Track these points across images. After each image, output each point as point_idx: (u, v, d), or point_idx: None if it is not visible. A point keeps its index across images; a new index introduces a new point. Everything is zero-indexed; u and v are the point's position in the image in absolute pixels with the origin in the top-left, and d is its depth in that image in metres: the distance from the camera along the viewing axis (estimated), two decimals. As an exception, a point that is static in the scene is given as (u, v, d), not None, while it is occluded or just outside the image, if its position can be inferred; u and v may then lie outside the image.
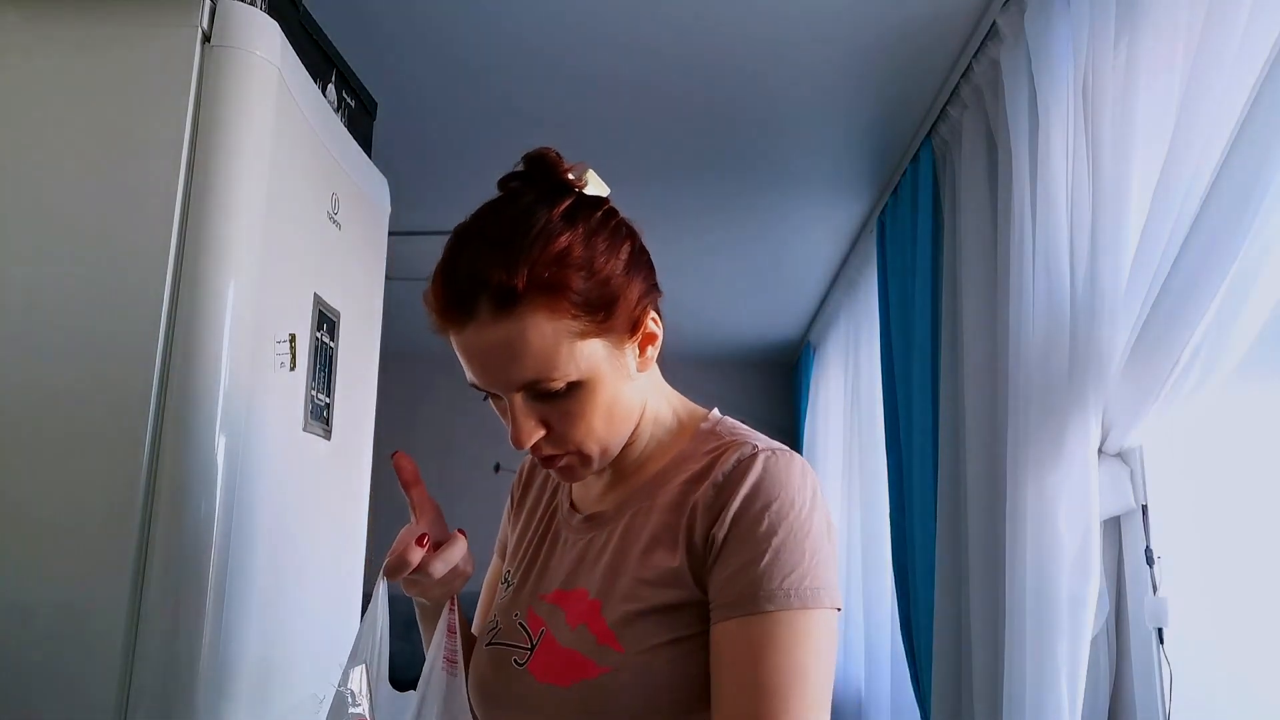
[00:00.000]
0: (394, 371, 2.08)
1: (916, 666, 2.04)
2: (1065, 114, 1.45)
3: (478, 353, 0.78)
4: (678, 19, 1.85)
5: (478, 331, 0.77)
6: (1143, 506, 1.37)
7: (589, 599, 0.83)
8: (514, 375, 0.78)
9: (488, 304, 0.76)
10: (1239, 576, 1.27)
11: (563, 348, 0.77)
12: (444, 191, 2.69)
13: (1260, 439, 1.24)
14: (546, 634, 0.84)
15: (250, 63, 1.25)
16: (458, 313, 0.77)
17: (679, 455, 0.87)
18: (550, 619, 0.85)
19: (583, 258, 0.78)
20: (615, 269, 0.80)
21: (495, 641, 0.90)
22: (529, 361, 0.77)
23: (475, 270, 0.76)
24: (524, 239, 0.77)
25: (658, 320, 0.86)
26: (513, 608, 0.91)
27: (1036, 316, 1.47)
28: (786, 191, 2.70)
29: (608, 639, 0.79)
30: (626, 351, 0.83)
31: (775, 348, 4.65)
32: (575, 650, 0.80)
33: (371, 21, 1.87)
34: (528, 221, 0.79)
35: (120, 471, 1.12)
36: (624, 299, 0.81)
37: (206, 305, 1.17)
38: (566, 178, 0.84)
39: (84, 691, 1.08)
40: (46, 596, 1.10)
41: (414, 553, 0.83)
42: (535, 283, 0.76)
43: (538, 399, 0.80)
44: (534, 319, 0.76)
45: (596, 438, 0.83)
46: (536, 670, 0.82)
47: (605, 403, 0.82)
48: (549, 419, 0.81)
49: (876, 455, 2.58)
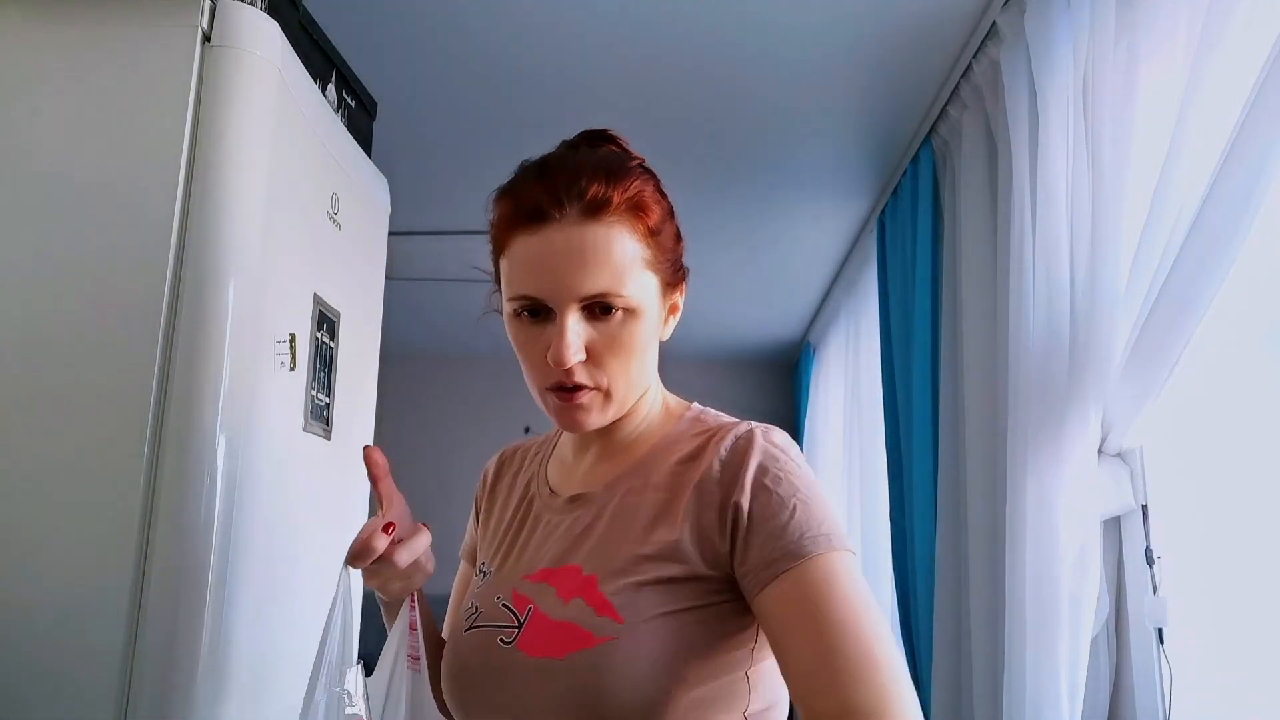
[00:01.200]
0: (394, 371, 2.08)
1: (916, 666, 2.04)
2: (1065, 114, 1.45)
3: (553, 253, 0.80)
4: (678, 19, 1.85)
5: (561, 230, 0.79)
6: (1143, 506, 1.37)
7: (582, 574, 0.82)
8: (587, 282, 0.79)
9: (579, 207, 0.79)
10: (1239, 576, 1.27)
11: (635, 268, 0.81)
12: (444, 191, 2.69)
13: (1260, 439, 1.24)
14: (535, 610, 0.83)
15: (250, 63, 1.25)
16: (546, 209, 0.79)
17: (667, 438, 0.89)
18: (538, 596, 0.84)
19: (660, 201, 0.86)
20: (672, 226, 0.88)
21: (477, 624, 0.87)
22: (605, 271, 0.79)
23: (573, 177, 0.80)
24: (620, 165, 0.84)
25: (683, 293, 0.91)
26: (493, 592, 0.89)
27: (1036, 316, 1.47)
28: (787, 191, 2.70)
29: (606, 610, 0.79)
30: (664, 306, 0.88)
31: (775, 348, 4.65)
32: (571, 622, 0.79)
33: (371, 21, 1.87)
34: (616, 158, 0.86)
35: (120, 471, 1.12)
36: (675, 253, 0.88)
37: (206, 305, 1.17)
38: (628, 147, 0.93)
39: (84, 691, 1.08)
40: (46, 596, 1.10)
41: (379, 539, 0.84)
42: (627, 201, 0.81)
43: (592, 319, 0.82)
44: (620, 232, 0.80)
45: (628, 377, 0.85)
46: (526, 646, 0.81)
47: (642, 343, 0.84)
48: (593, 344, 0.82)
49: (876, 455, 2.57)
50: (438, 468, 4.06)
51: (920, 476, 2.00)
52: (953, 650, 1.80)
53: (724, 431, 0.85)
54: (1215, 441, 1.32)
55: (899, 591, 2.19)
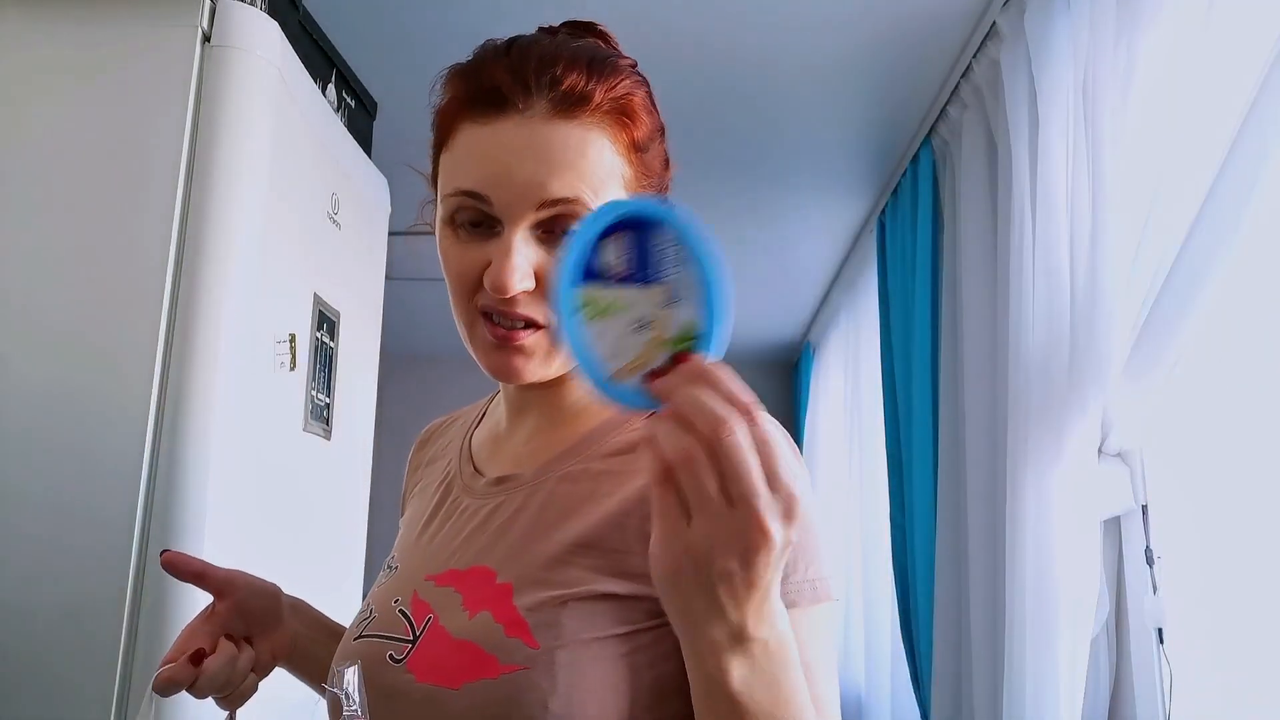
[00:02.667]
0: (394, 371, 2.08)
1: (916, 666, 2.03)
2: (1065, 114, 1.45)
3: (510, 148, 0.64)
4: (677, 19, 1.85)
5: (524, 124, 0.64)
6: (1143, 506, 1.37)
7: (496, 581, 0.66)
8: (549, 184, 0.63)
9: (550, 98, 0.64)
10: (1238, 576, 1.27)
11: (610, 185, 0.66)
12: (444, 191, 2.68)
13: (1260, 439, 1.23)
14: (434, 622, 0.66)
15: (250, 63, 1.25)
16: (507, 94, 0.64)
17: (612, 419, 0.72)
18: (440, 604, 0.67)
19: (650, 111, 0.70)
20: (661, 145, 0.73)
21: (367, 634, 0.71)
22: (572, 175, 0.64)
23: (547, 61, 0.65)
24: (607, 60, 0.68)
25: None
26: (393, 593, 0.72)
27: (1036, 316, 1.47)
28: (787, 191, 2.70)
29: (518, 630, 0.62)
30: None
31: (775, 348, 4.65)
32: (472, 643, 0.63)
33: (371, 21, 1.87)
34: (607, 51, 0.70)
35: (120, 471, 1.12)
36: (664, 180, 0.73)
37: (206, 305, 1.17)
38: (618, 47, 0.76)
39: (83, 691, 1.08)
40: (46, 596, 1.10)
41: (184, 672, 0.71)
42: (611, 101, 0.66)
43: (546, 240, 0.66)
44: (597, 136, 0.65)
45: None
46: (417, 667, 0.65)
47: None
48: (544, 274, 0.65)
49: (876, 455, 2.57)
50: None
51: (920, 476, 2.00)
52: (953, 650, 1.80)
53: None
54: (1215, 441, 1.32)
55: (899, 591, 2.19)
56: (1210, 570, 1.31)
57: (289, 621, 0.83)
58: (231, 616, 0.77)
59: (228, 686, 0.74)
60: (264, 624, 0.80)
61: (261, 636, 0.80)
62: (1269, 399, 1.21)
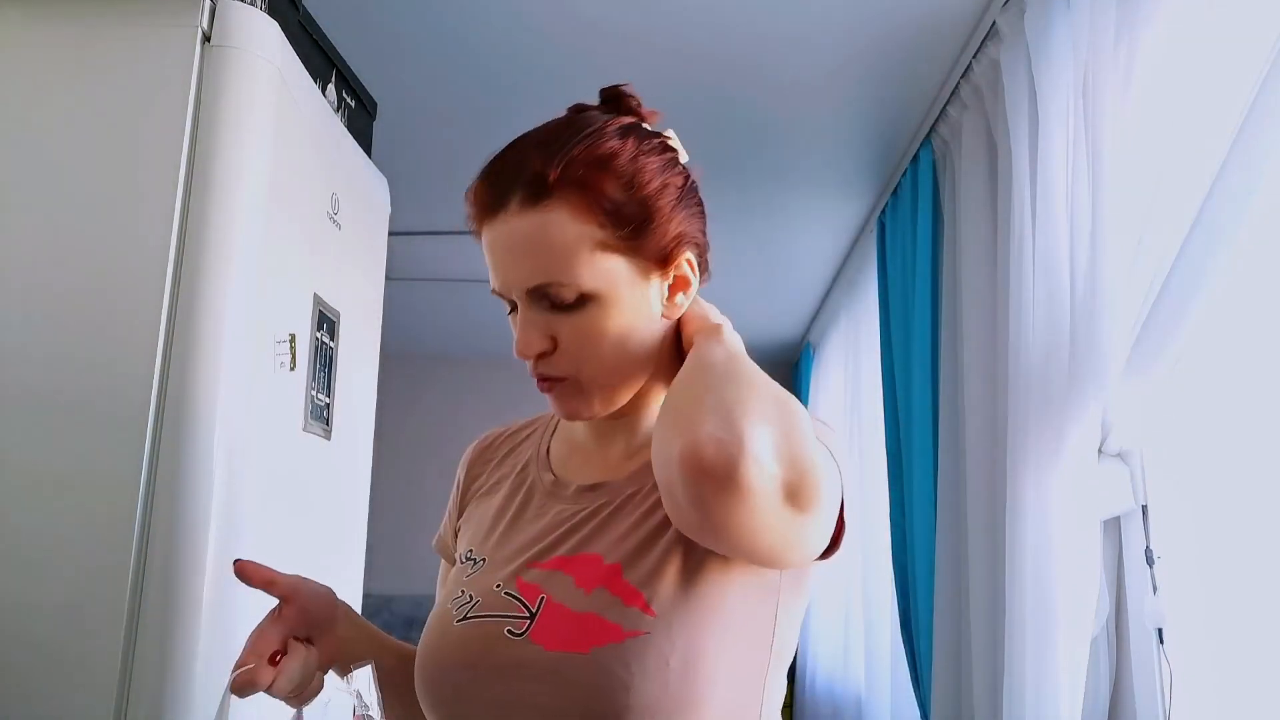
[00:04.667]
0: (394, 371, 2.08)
1: (916, 666, 2.03)
2: (1065, 114, 1.45)
3: (501, 247, 0.76)
4: (678, 19, 1.85)
5: (506, 223, 0.75)
6: (1143, 506, 1.37)
7: (605, 563, 0.76)
8: (529, 272, 0.75)
9: (520, 194, 0.74)
10: (1239, 576, 1.27)
11: (582, 253, 0.74)
12: (444, 191, 2.68)
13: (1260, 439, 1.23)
14: (549, 600, 0.75)
15: (250, 63, 1.25)
16: (491, 202, 0.76)
17: None
18: (551, 585, 0.76)
19: (625, 168, 0.76)
20: (659, 193, 0.78)
21: (475, 615, 0.78)
22: (546, 259, 0.74)
23: (516, 162, 0.76)
24: (573, 137, 0.76)
25: (694, 267, 0.82)
26: (490, 580, 0.80)
27: (1036, 316, 1.47)
28: (786, 191, 2.70)
29: (636, 600, 0.72)
30: (652, 285, 0.79)
31: (775, 348, 4.65)
32: (594, 614, 0.72)
33: (371, 21, 1.87)
34: (582, 124, 0.78)
35: (120, 471, 1.12)
36: (659, 225, 0.77)
37: (206, 305, 1.17)
38: (639, 110, 0.85)
39: (83, 692, 1.08)
40: (46, 597, 1.10)
41: (264, 675, 0.76)
42: (568, 178, 0.74)
43: (550, 309, 0.76)
44: (559, 215, 0.74)
45: (601, 365, 0.78)
46: (543, 638, 0.73)
47: (618, 330, 0.77)
48: (558, 333, 0.77)
49: (876, 455, 2.57)
50: (438, 468, 4.05)
51: (920, 476, 2.00)
52: (953, 650, 1.80)
53: None
54: (1215, 441, 1.32)
55: (899, 591, 2.19)
56: (1210, 570, 1.31)
57: (341, 624, 0.88)
58: (298, 619, 0.82)
59: (300, 686, 0.79)
60: (321, 627, 0.85)
61: (319, 638, 0.85)
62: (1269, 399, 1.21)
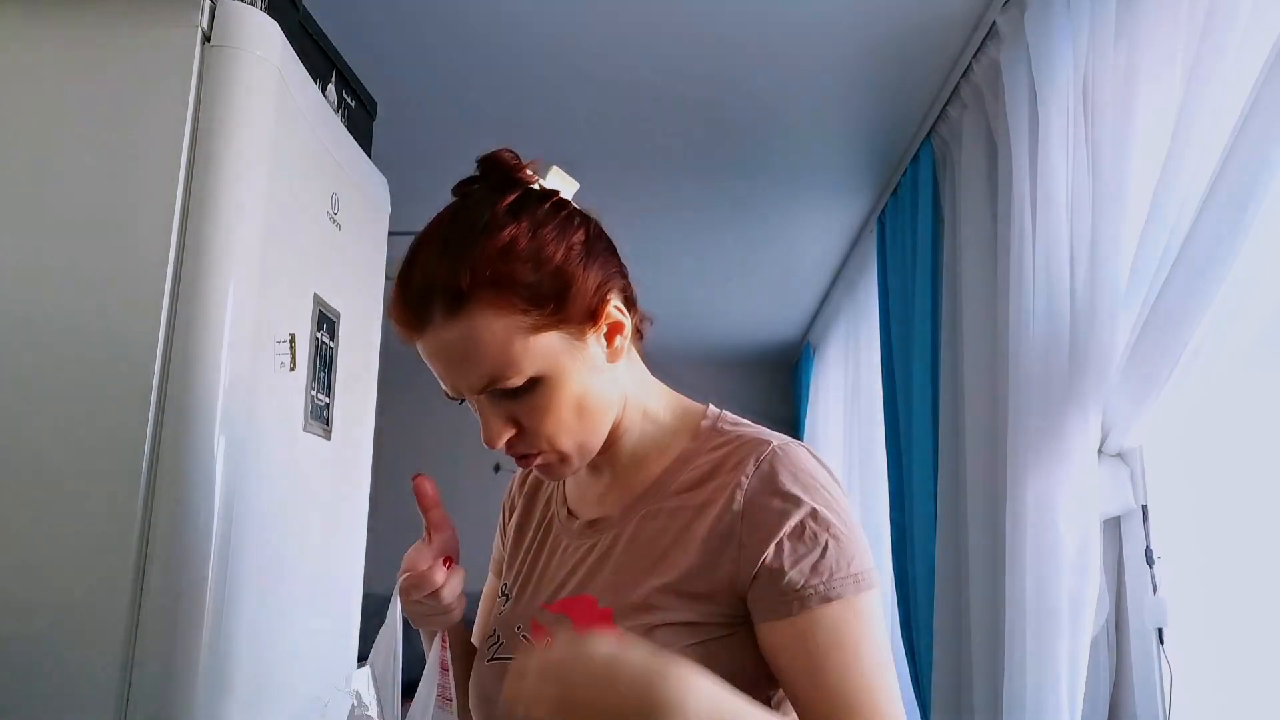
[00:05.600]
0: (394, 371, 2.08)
1: (916, 666, 2.04)
2: (1065, 114, 1.45)
3: (437, 358, 0.79)
4: (678, 20, 1.85)
5: (434, 336, 0.77)
6: (1143, 506, 1.37)
7: (598, 608, 0.81)
8: (472, 377, 0.77)
9: (439, 308, 0.76)
10: (1239, 576, 1.27)
11: (515, 344, 0.77)
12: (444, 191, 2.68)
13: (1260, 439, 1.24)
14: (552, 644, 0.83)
15: (250, 63, 1.25)
16: (415, 320, 0.78)
17: (682, 455, 0.85)
18: (556, 629, 0.83)
19: (528, 249, 0.78)
20: (567, 258, 0.79)
21: (498, 656, 0.87)
22: (483, 361, 0.76)
23: (426, 275, 0.77)
24: (469, 237, 0.77)
25: (623, 309, 0.84)
26: (513, 620, 0.89)
27: (1036, 316, 1.47)
28: (787, 191, 2.70)
29: None
30: (589, 342, 0.81)
31: (775, 348, 4.65)
32: None
33: (371, 21, 1.87)
34: (473, 219, 0.79)
35: (120, 471, 1.12)
36: (577, 288, 0.79)
37: (206, 305, 1.17)
38: (522, 176, 0.84)
39: (84, 692, 1.08)
40: (46, 596, 1.10)
41: (439, 572, 0.84)
42: (479, 280, 0.75)
43: (502, 397, 0.79)
44: (483, 318, 0.76)
45: (569, 432, 0.81)
46: None
47: (573, 396, 0.80)
48: (518, 416, 0.80)
49: (876, 455, 2.57)
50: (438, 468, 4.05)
51: (920, 476, 2.00)
52: (953, 650, 1.80)
53: (745, 451, 0.81)
54: (1215, 441, 1.32)
55: (899, 591, 2.19)
56: (1210, 570, 1.31)
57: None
58: (441, 549, 0.89)
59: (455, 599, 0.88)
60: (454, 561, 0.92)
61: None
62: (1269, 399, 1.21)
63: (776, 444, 0.81)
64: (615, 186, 2.61)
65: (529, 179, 0.85)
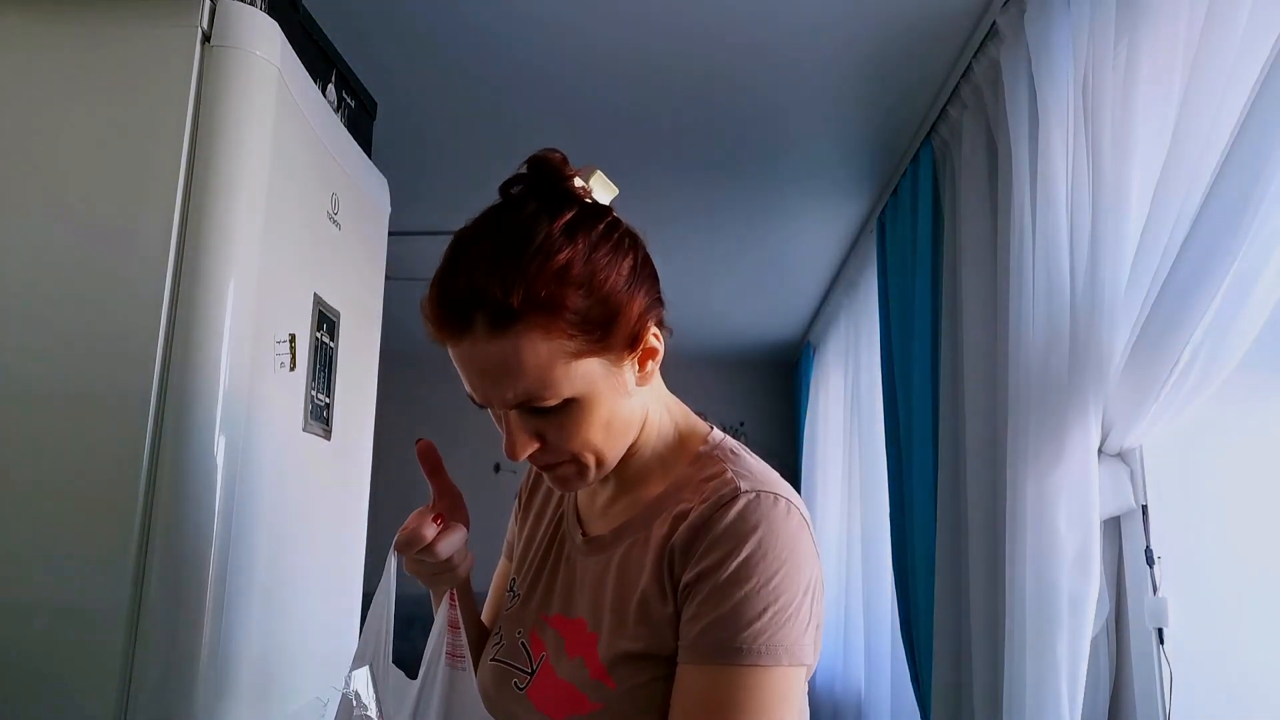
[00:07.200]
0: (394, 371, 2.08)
1: (916, 666, 2.03)
2: (1065, 114, 1.45)
3: (471, 367, 0.78)
4: (678, 19, 1.85)
5: (473, 346, 0.76)
6: (1143, 506, 1.37)
7: (587, 631, 0.83)
8: (507, 392, 0.77)
9: (484, 320, 0.75)
10: (1239, 577, 1.27)
11: (558, 367, 0.76)
12: (444, 191, 2.69)
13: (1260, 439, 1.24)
14: (546, 661, 0.85)
15: (250, 63, 1.25)
16: (454, 326, 0.76)
17: (677, 481, 0.85)
18: (551, 645, 0.86)
19: (582, 274, 0.76)
20: (616, 285, 0.78)
21: (498, 659, 0.91)
22: (523, 380, 0.76)
23: (473, 284, 0.75)
24: (523, 254, 0.75)
25: (659, 335, 0.84)
26: (517, 624, 0.92)
27: (1036, 316, 1.47)
28: (786, 192, 2.70)
29: (600, 675, 0.80)
30: (625, 368, 0.81)
31: (775, 348, 4.65)
32: (570, 683, 0.81)
33: (371, 21, 1.86)
34: (528, 235, 0.76)
35: (120, 471, 1.12)
36: (624, 316, 0.79)
37: (206, 305, 1.17)
38: (570, 185, 0.83)
39: (84, 692, 1.08)
40: (46, 596, 1.10)
41: (428, 528, 0.85)
42: (532, 301, 0.74)
43: (532, 413, 0.79)
44: (529, 338, 0.75)
45: (593, 449, 0.82)
46: (534, 698, 0.84)
47: (602, 418, 0.81)
48: (544, 431, 0.81)
49: (876, 455, 2.57)
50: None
51: (920, 476, 2.00)
52: (953, 650, 1.80)
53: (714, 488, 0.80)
54: (1215, 441, 1.32)
55: (899, 591, 2.19)
56: (1210, 570, 1.31)
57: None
58: (452, 508, 0.90)
59: (457, 555, 0.88)
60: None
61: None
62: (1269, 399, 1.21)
63: (744, 489, 0.78)
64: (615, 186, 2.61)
65: (577, 188, 0.83)
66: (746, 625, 0.73)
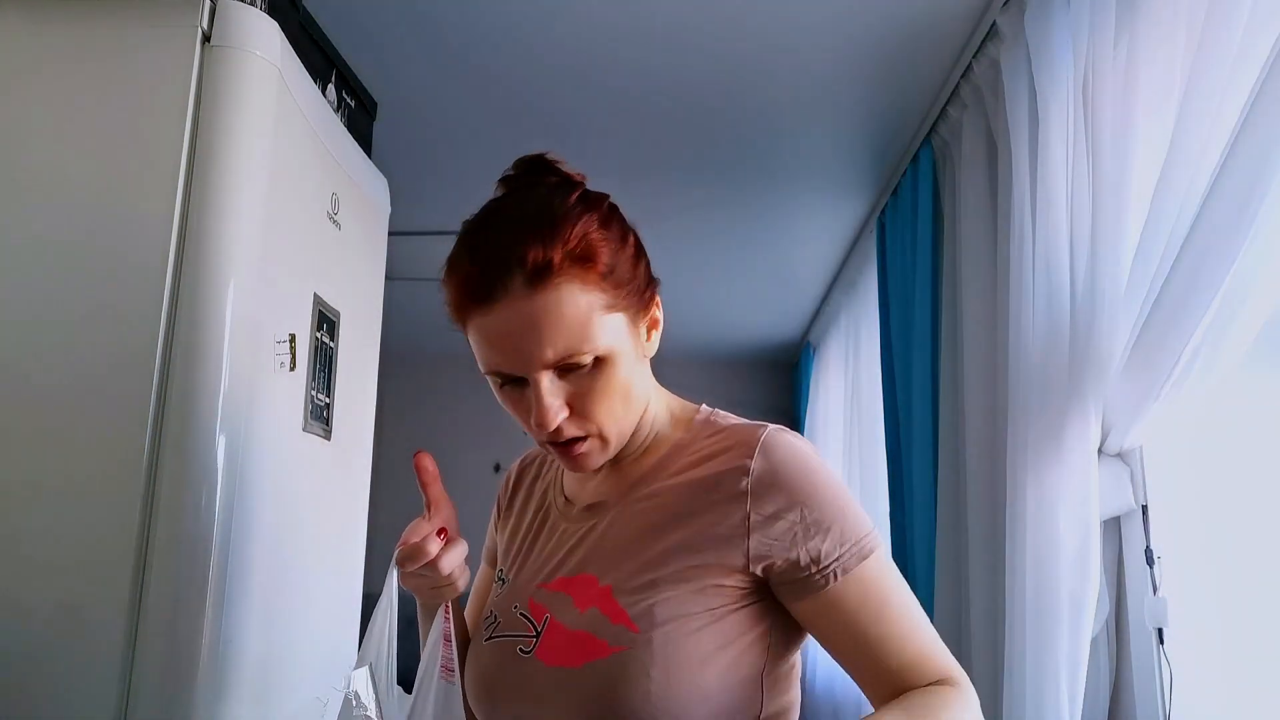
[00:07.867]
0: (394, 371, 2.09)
1: (916, 666, 2.03)
2: (1065, 114, 1.45)
3: (508, 331, 0.79)
4: (678, 19, 1.85)
5: (509, 307, 0.77)
6: (1143, 506, 1.37)
7: (598, 584, 0.83)
8: (547, 349, 0.78)
9: (521, 279, 0.77)
10: (1239, 576, 1.27)
11: (595, 318, 0.79)
12: (444, 191, 2.69)
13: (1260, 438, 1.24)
14: (551, 619, 0.84)
15: (250, 63, 1.25)
16: (489, 291, 0.78)
17: (677, 444, 0.89)
18: (554, 605, 0.85)
19: (606, 235, 0.82)
20: (629, 250, 0.84)
21: (496, 635, 0.89)
22: (563, 334, 0.78)
23: (506, 247, 0.78)
24: (554, 216, 0.80)
25: (659, 305, 0.89)
26: (511, 601, 0.91)
27: (1036, 316, 1.47)
28: (787, 192, 2.70)
29: (621, 619, 0.80)
30: (640, 330, 0.86)
31: (775, 348, 4.65)
32: (587, 632, 0.81)
33: (371, 21, 1.87)
34: (550, 203, 0.81)
35: (120, 471, 1.12)
36: (640, 274, 0.85)
37: (206, 305, 1.17)
38: (569, 172, 0.88)
39: (84, 692, 1.08)
40: (46, 596, 1.10)
41: (432, 543, 0.85)
42: (569, 255, 0.78)
43: (564, 377, 0.81)
44: (569, 290, 0.78)
45: (616, 418, 0.84)
46: (545, 655, 0.82)
47: (624, 381, 0.83)
48: (572, 399, 0.82)
49: (876, 455, 2.57)
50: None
51: (920, 476, 2.00)
52: (953, 650, 1.79)
53: (744, 436, 0.84)
54: (1215, 441, 1.32)
55: (899, 591, 2.18)
56: (1210, 570, 1.31)
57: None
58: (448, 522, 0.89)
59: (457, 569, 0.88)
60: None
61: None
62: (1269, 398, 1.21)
63: (774, 431, 0.85)
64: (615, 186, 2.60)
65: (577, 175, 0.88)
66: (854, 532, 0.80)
